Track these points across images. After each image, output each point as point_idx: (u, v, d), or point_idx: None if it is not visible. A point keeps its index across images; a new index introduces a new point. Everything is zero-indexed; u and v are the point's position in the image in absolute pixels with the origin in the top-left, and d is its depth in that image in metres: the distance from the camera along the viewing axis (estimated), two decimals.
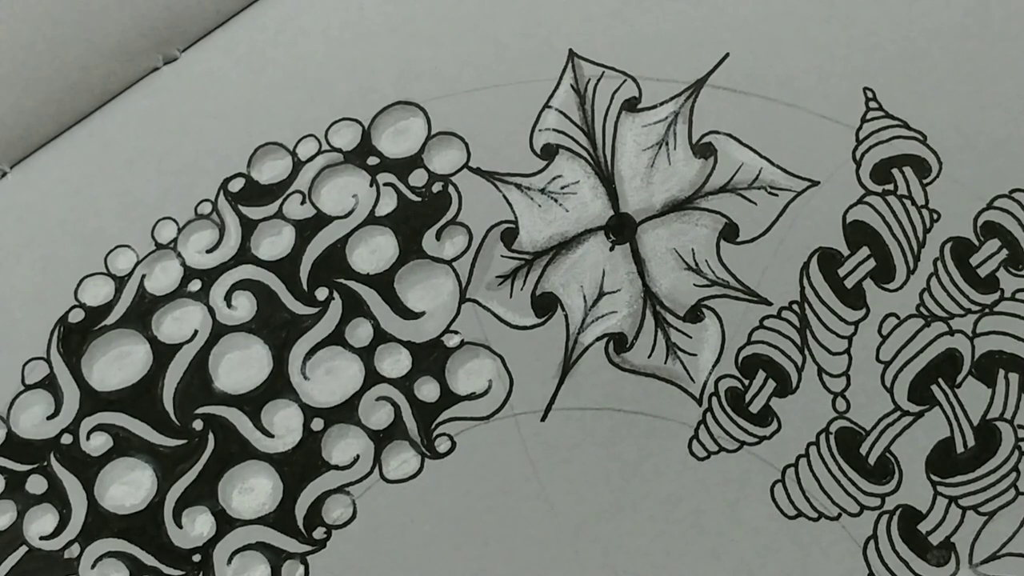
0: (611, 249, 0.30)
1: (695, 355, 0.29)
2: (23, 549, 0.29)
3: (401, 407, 0.29)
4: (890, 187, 0.29)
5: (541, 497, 0.29)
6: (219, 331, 0.30)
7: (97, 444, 0.30)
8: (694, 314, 0.29)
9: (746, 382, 0.29)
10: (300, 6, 0.32)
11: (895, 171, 0.30)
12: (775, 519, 0.28)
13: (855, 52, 0.30)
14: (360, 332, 0.30)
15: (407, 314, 0.30)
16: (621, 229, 0.30)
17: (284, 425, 0.29)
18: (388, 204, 0.31)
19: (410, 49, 0.32)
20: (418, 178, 0.31)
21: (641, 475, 0.28)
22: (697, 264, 0.29)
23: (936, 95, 0.30)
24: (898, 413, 0.28)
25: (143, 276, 0.31)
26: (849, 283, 0.29)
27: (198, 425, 0.30)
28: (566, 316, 0.29)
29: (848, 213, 0.29)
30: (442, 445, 0.29)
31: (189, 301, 0.30)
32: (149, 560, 0.29)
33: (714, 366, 0.29)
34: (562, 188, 0.30)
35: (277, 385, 0.30)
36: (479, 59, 0.31)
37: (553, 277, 0.30)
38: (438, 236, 0.30)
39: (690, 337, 0.29)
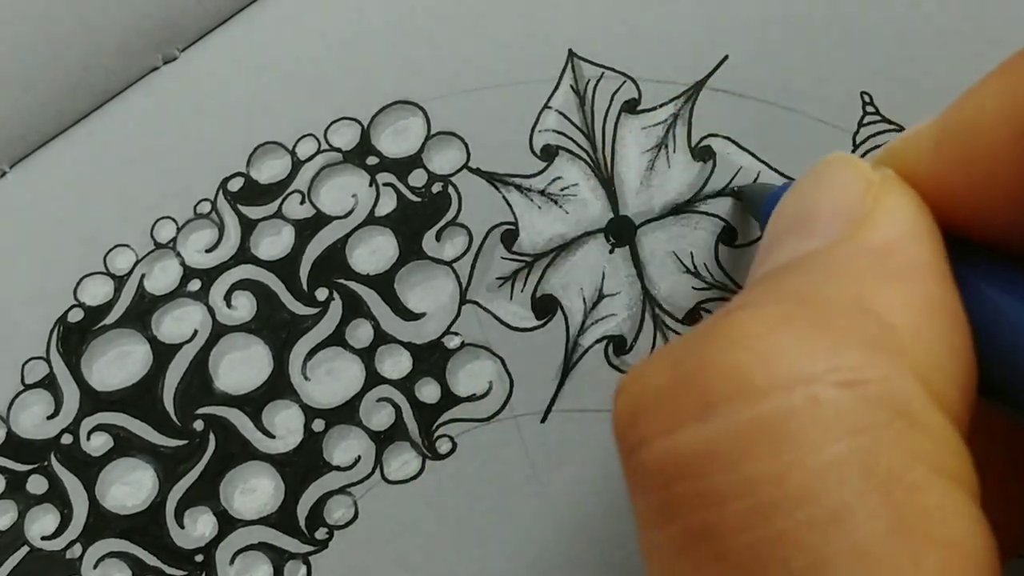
0: (611, 252, 0.30)
1: None
2: (25, 549, 0.29)
3: (402, 408, 0.29)
4: None
5: (541, 497, 0.29)
6: (219, 331, 0.30)
7: (98, 444, 0.30)
8: (692, 317, 0.30)
9: None
10: (299, 6, 0.32)
11: None
12: None
13: (852, 56, 0.31)
14: (360, 333, 0.30)
15: (407, 315, 0.30)
16: (620, 232, 0.30)
17: (285, 426, 0.30)
18: (388, 204, 0.31)
19: (409, 48, 0.32)
20: (418, 178, 0.31)
21: None
22: (696, 267, 0.30)
23: (932, 100, 0.30)
24: None
25: (142, 276, 0.31)
26: None
27: (199, 425, 0.30)
28: (566, 318, 0.30)
29: None
30: (443, 446, 0.29)
31: (189, 301, 0.31)
32: (151, 560, 0.29)
33: None
34: (562, 190, 0.30)
35: (278, 386, 0.30)
36: (478, 58, 0.31)
37: (553, 279, 0.30)
38: (438, 237, 0.30)
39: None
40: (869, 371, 0.16)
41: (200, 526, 0.29)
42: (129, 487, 0.29)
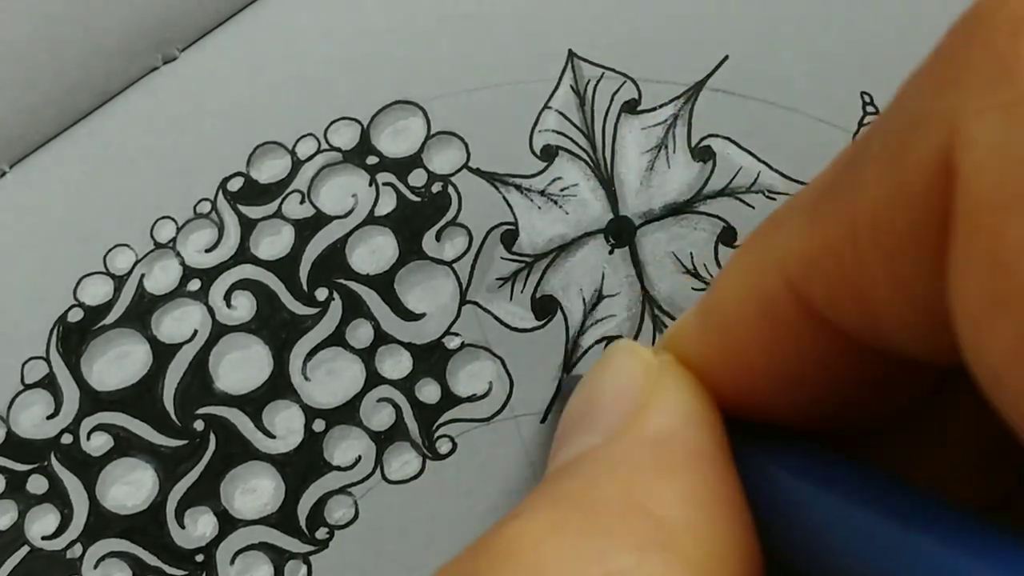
0: (610, 252, 0.30)
1: None
2: (25, 549, 0.29)
3: (402, 408, 0.29)
4: None
5: None
6: (219, 331, 0.30)
7: (98, 444, 0.30)
8: None
9: None
10: (299, 5, 0.32)
11: None
12: None
13: (853, 56, 0.31)
14: (360, 333, 0.30)
15: (408, 315, 0.30)
16: (620, 232, 0.30)
17: (285, 426, 0.30)
18: (388, 204, 0.31)
19: (409, 48, 0.32)
20: (418, 178, 0.31)
21: None
22: (695, 268, 0.30)
23: None
24: None
25: (142, 275, 0.31)
26: None
27: (199, 425, 0.30)
28: (566, 319, 0.30)
29: None
30: (443, 446, 0.29)
31: (188, 301, 0.31)
32: (152, 560, 0.29)
33: None
34: (562, 190, 0.30)
35: (278, 386, 0.30)
36: (478, 58, 0.31)
37: (553, 280, 0.30)
38: (438, 237, 0.30)
39: None
40: (640, 572, 0.16)
41: (200, 526, 0.29)
42: (129, 487, 0.29)
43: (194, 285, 0.31)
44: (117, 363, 0.30)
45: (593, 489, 0.17)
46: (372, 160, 0.31)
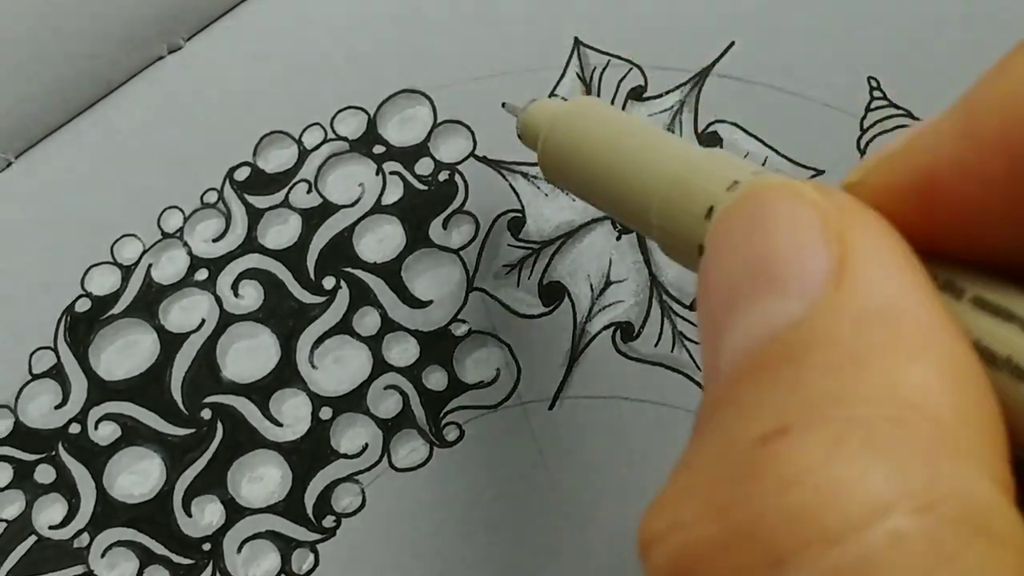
0: (618, 238, 0.30)
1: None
2: (32, 539, 0.29)
3: (409, 396, 0.29)
4: None
5: (549, 485, 0.29)
6: (226, 320, 0.30)
7: (105, 433, 0.30)
8: None
9: None
10: None
11: None
12: None
13: (860, 41, 0.31)
14: (367, 321, 0.30)
15: (414, 303, 0.30)
16: None
17: (292, 414, 0.30)
18: (395, 193, 0.31)
19: (415, 37, 0.32)
20: (424, 167, 0.31)
21: (648, 463, 0.29)
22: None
23: (940, 84, 0.30)
24: None
25: (150, 265, 0.31)
26: None
27: (206, 414, 0.30)
28: (573, 305, 0.30)
29: None
30: (450, 434, 0.29)
31: (196, 290, 0.31)
32: (159, 549, 0.29)
33: None
34: None
35: (285, 374, 0.30)
36: (484, 47, 0.31)
37: (560, 266, 0.30)
38: (445, 225, 0.30)
39: (696, 326, 0.29)
40: (940, 487, 0.14)
41: (208, 515, 0.29)
42: (136, 476, 0.29)
43: (202, 275, 0.31)
44: (125, 353, 0.30)
45: (849, 386, 0.15)
46: (379, 149, 0.31)
